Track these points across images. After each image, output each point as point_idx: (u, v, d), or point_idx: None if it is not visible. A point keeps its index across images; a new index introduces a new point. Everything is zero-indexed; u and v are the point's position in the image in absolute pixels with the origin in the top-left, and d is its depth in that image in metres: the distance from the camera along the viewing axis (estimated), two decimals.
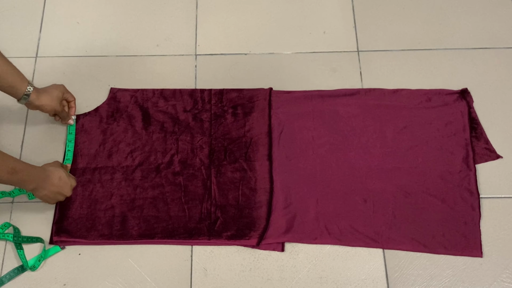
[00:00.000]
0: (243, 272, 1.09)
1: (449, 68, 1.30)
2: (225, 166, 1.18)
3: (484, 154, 1.19)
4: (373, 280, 1.08)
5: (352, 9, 1.40)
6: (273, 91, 1.27)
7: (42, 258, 1.09)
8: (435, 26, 1.37)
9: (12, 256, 1.11)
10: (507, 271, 1.08)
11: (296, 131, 1.22)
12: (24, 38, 1.37)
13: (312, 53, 1.34)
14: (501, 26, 1.36)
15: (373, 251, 1.11)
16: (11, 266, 1.10)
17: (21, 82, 1.10)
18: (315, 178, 1.17)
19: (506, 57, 1.31)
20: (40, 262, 1.09)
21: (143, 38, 1.37)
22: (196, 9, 1.41)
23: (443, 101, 1.25)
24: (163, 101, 1.26)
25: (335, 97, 1.26)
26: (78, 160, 1.20)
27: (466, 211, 1.13)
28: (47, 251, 1.10)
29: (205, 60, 1.33)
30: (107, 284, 1.08)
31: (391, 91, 1.27)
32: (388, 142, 1.20)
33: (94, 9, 1.42)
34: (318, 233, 1.11)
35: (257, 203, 1.14)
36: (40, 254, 1.09)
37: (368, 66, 1.31)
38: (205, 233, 1.12)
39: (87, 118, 1.24)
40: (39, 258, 1.09)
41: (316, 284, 1.08)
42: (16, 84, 1.09)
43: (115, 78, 1.31)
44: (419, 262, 1.09)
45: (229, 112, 1.25)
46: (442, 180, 1.16)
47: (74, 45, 1.36)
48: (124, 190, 1.16)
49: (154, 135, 1.22)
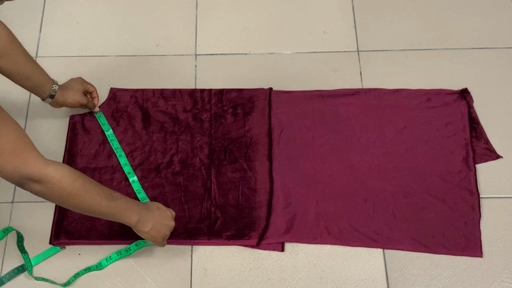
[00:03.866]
0: (243, 272, 1.09)
1: (449, 68, 1.30)
2: (225, 166, 1.18)
3: (484, 154, 1.19)
4: (373, 280, 1.08)
5: (352, 9, 1.40)
6: (273, 91, 1.27)
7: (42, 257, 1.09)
8: (435, 26, 1.37)
9: (12, 256, 1.11)
10: (507, 271, 1.08)
11: (296, 131, 1.22)
12: (24, 38, 1.36)
13: (312, 53, 1.34)
14: (501, 26, 1.36)
15: (373, 251, 1.11)
16: (11, 266, 1.10)
17: (47, 82, 1.11)
18: (315, 178, 1.17)
19: (506, 57, 1.31)
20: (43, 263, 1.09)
21: (143, 38, 1.37)
22: (196, 9, 1.41)
23: (443, 101, 1.25)
24: (163, 101, 1.26)
25: (335, 97, 1.26)
26: (78, 160, 1.19)
27: (466, 211, 1.13)
28: (47, 251, 1.10)
29: (205, 60, 1.33)
30: (107, 284, 1.08)
31: (391, 91, 1.27)
32: (388, 142, 1.20)
33: (94, 9, 1.42)
34: (318, 233, 1.11)
35: (257, 203, 1.14)
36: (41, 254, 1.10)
37: (368, 66, 1.31)
38: (205, 233, 1.12)
39: (87, 118, 1.24)
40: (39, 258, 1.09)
41: (316, 284, 1.08)
42: (42, 84, 1.10)
43: (115, 78, 1.30)
44: (419, 262, 1.09)
45: (229, 112, 1.25)
46: (442, 180, 1.16)
47: (74, 45, 1.36)
48: (124, 190, 1.16)
49: (154, 135, 1.22)
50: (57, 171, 0.83)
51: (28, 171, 0.81)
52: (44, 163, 0.82)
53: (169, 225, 1.02)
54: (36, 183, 0.82)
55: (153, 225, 0.98)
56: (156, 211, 1.00)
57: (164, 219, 1.01)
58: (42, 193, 0.85)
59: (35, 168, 0.81)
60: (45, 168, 0.82)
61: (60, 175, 0.84)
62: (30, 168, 0.81)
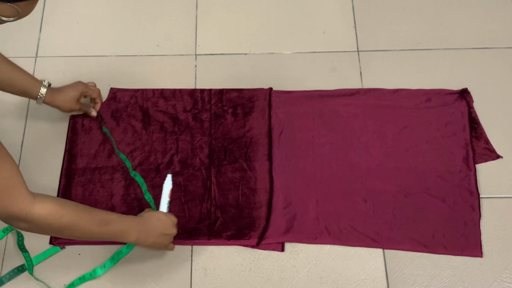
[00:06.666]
0: (243, 272, 1.09)
1: (449, 68, 1.30)
2: (225, 166, 1.18)
3: (484, 154, 1.19)
4: (373, 280, 1.08)
5: (352, 9, 1.40)
6: (273, 91, 1.27)
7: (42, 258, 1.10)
8: (435, 26, 1.37)
9: (12, 256, 1.11)
10: (507, 271, 1.08)
11: (296, 131, 1.22)
12: (24, 38, 1.37)
13: (312, 53, 1.34)
14: (501, 26, 1.36)
15: (373, 251, 1.11)
16: (11, 266, 1.10)
17: (32, 87, 1.10)
18: (315, 178, 1.17)
19: (506, 57, 1.31)
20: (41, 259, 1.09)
21: (143, 38, 1.37)
22: (196, 9, 1.41)
23: (443, 101, 1.25)
24: (163, 101, 1.26)
25: (335, 97, 1.26)
26: (78, 160, 1.19)
27: (466, 211, 1.13)
28: (47, 251, 1.10)
29: (205, 60, 1.34)
30: (107, 284, 1.08)
31: (391, 91, 1.27)
32: (388, 142, 1.20)
33: (94, 9, 1.42)
34: (318, 233, 1.11)
35: (257, 203, 1.14)
36: (41, 254, 1.10)
37: (368, 66, 1.31)
38: (205, 233, 1.12)
39: (87, 118, 1.24)
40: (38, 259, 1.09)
41: (316, 284, 1.08)
42: (28, 89, 1.10)
43: (115, 78, 1.30)
44: (419, 262, 1.09)
45: (229, 112, 1.25)
46: (442, 180, 1.16)
47: (74, 45, 1.36)
48: (124, 190, 1.16)
49: (154, 135, 1.22)
50: (43, 209, 0.82)
51: (14, 210, 0.79)
52: (31, 202, 0.81)
53: (171, 233, 1.01)
54: (22, 222, 0.82)
55: (154, 238, 0.98)
56: (155, 223, 0.99)
57: (165, 230, 1.00)
58: (30, 230, 0.85)
59: (22, 207, 0.80)
60: (31, 207, 0.81)
61: (47, 213, 0.82)
62: (16, 207, 0.80)
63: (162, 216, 1.01)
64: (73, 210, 0.88)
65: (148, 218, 0.99)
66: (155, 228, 0.98)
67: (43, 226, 0.83)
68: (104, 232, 0.91)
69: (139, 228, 0.96)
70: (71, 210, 0.87)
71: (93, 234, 0.90)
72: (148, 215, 1.01)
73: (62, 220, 0.84)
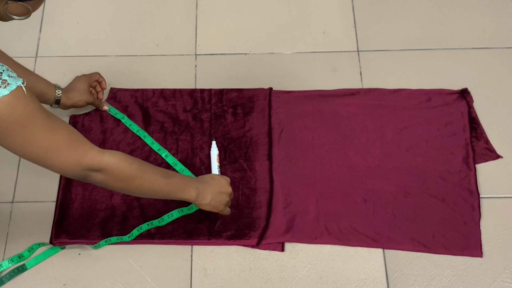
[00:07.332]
0: (243, 272, 1.09)
1: (449, 68, 1.30)
2: (225, 166, 1.18)
3: (484, 154, 1.19)
4: (373, 280, 1.08)
5: (352, 9, 1.40)
6: (273, 91, 1.27)
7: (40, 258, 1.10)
8: (435, 26, 1.37)
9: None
10: (507, 271, 1.08)
11: (296, 131, 1.22)
12: (24, 38, 1.37)
13: (312, 53, 1.34)
14: (501, 26, 1.36)
15: (373, 251, 1.11)
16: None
17: (48, 88, 1.12)
18: (315, 178, 1.17)
19: (506, 57, 1.32)
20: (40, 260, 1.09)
21: (143, 38, 1.37)
22: (196, 9, 1.41)
23: (443, 101, 1.25)
24: (163, 101, 1.26)
25: (335, 97, 1.26)
26: None
27: (466, 211, 1.13)
28: (47, 251, 1.10)
29: (205, 60, 1.34)
30: (107, 284, 1.08)
31: (391, 91, 1.27)
32: (388, 142, 1.20)
33: (94, 9, 1.42)
34: (318, 233, 1.11)
35: (257, 203, 1.14)
36: (40, 254, 1.10)
37: (368, 66, 1.31)
38: (205, 233, 1.12)
39: (87, 118, 1.24)
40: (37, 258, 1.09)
41: (316, 284, 1.08)
42: (44, 92, 1.11)
43: (115, 78, 1.30)
44: (419, 262, 1.09)
45: (229, 112, 1.25)
46: (442, 180, 1.16)
47: (74, 45, 1.36)
48: None
49: (154, 135, 1.22)
50: (114, 156, 0.86)
51: (87, 161, 0.82)
52: (99, 152, 0.84)
53: (228, 192, 1.04)
54: (97, 173, 0.84)
55: (212, 196, 1.00)
56: (211, 182, 1.02)
57: (221, 187, 1.02)
58: (105, 181, 0.87)
59: (93, 158, 0.83)
60: (101, 157, 0.84)
61: (117, 160, 0.86)
62: (88, 158, 0.82)
63: (216, 176, 1.05)
64: (138, 160, 0.91)
65: (204, 177, 1.03)
66: (212, 186, 1.01)
67: (117, 173, 0.86)
68: (169, 183, 0.94)
69: (198, 185, 0.99)
70: (138, 160, 0.91)
71: (161, 185, 0.93)
72: (203, 176, 1.05)
73: (132, 167, 0.87)
